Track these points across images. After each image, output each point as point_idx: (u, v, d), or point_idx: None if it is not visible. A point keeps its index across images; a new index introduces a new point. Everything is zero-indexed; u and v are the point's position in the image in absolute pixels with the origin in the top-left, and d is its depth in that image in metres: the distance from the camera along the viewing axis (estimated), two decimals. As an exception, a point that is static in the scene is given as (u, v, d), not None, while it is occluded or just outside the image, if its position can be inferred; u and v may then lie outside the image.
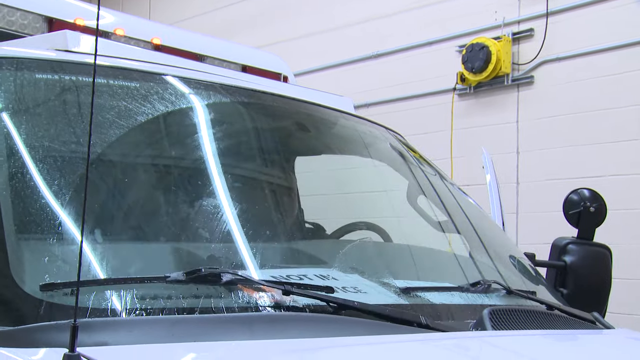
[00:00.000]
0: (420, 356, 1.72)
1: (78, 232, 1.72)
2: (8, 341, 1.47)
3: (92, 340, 1.46)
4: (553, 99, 6.29)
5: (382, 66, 7.47)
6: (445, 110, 6.89)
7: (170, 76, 2.46)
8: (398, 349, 1.73)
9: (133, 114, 2.23)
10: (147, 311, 1.61)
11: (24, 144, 1.91)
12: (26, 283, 1.60)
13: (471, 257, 2.63)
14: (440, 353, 1.78)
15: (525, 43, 6.51)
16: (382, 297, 2.01)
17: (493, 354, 1.81)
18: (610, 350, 2.17)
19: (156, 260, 2.00)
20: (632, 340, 2.41)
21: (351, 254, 2.20)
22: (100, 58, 2.39)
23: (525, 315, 2.12)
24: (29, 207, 1.76)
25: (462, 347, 1.84)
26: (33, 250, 1.71)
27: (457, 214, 2.89)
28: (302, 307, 1.75)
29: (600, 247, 3.26)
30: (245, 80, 2.88)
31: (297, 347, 1.59)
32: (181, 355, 1.50)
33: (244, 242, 2.03)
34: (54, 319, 1.53)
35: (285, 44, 7.92)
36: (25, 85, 2.11)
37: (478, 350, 1.84)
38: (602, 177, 5.83)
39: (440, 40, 7.03)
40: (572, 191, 3.38)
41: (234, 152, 2.51)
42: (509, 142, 6.47)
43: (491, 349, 1.84)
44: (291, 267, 2.08)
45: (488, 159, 3.70)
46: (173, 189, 2.19)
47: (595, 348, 2.13)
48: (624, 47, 5.90)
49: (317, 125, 2.99)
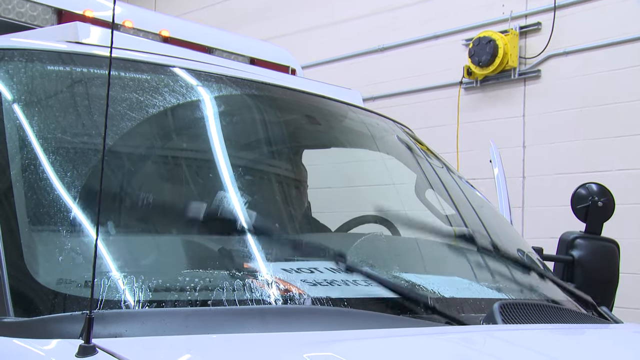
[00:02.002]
0: (432, 349, 1.73)
1: (91, 224, 1.73)
2: (22, 332, 1.47)
3: (106, 332, 1.46)
4: (560, 93, 6.27)
5: (389, 59, 7.45)
6: (451, 104, 6.88)
7: (181, 68, 2.46)
8: (410, 342, 1.73)
9: (144, 106, 2.23)
10: (160, 303, 1.62)
11: (36, 136, 1.91)
12: (40, 274, 1.61)
13: (480, 250, 2.63)
14: (451, 346, 1.79)
15: (532, 37, 6.49)
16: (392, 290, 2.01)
17: (503, 347, 1.81)
18: (620, 344, 2.17)
19: (168, 253, 2.00)
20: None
21: (362, 247, 2.20)
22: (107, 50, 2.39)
23: (535, 309, 2.12)
24: (42, 199, 1.77)
25: (473, 341, 1.85)
26: (47, 242, 1.71)
27: (465, 208, 2.89)
28: (314, 300, 1.75)
29: (608, 242, 3.26)
30: (255, 73, 2.88)
31: (310, 340, 1.59)
32: (195, 347, 1.50)
33: (254, 234, 2.03)
34: (68, 311, 1.54)
35: (290, 37, 7.91)
36: (37, 77, 2.11)
37: (489, 344, 1.84)
38: (609, 172, 5.82)
39: (447, 33, 7.01)
40: (580, 185, 3.37)
41: (245, 144, 2.51)
42: (516, 136, 6.47)
43: (502, 343, 1.85)
44: (302, 260, 2.09)
45: (496, 152, 3.70)
46: (186, 182, 2.20)
47: (604, 342, 2.14)
48: (632, 42, 5.88)
49: (326, 118, 2.99)
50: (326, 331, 1.65)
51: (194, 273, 1.72)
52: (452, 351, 1.76)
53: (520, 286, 2.30)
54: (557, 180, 6.18)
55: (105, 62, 2.29)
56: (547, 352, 1.81)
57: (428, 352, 1.69)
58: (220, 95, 2.50)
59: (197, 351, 1.49)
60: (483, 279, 2.25)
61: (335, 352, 1.54)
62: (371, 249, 2.26)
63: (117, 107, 2.17)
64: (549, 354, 1.77)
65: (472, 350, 1.78)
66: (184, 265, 1.84)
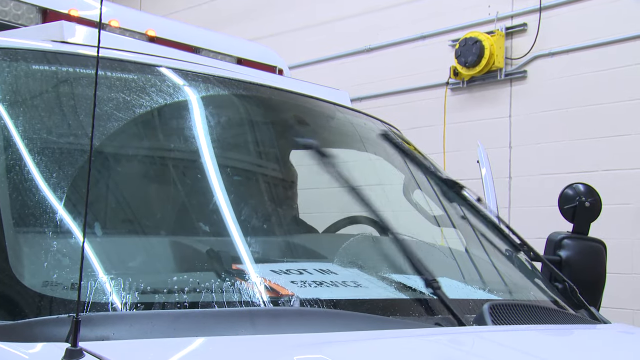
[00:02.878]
0: (421, 351, 1.72)
1: (78, 226, 1.70)
2: (8, 335, 1.45)
3: (93, 335, 1.44)
4: (546, 93, 6.30)
5: (375, 60, 7.45)
6: (438, 104, 6.89)
7: (168, 68, 2.44)
8: (399, 343, 1.72)
9: (131, 106, 2.21)
10: (148, 305, 1.60)
11: (21, 136, 1.89)
12: (25, 277, 1.59)
13: (468, 251, 2.63)
14: (441, 348, 1.78)
15: (518, 38, 6.51)
16: (381, 291, 2.01)
17: (494, 349, 1.81)
18: (609, 344, 2.17)
19: (155, 254, 1.98)
20: (629, 334, 2.42)
21: (350, 248, 2.19)
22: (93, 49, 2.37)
23: (524, 310, 2.12)
24: (27, 200, 1.74)
25: (463, 342, 1.84)
26: (32, 244, 1.68)
27: (453, 208, 2.88)
28: (304, 301, 1.74)
29: (596, 242, 3.27)
30: (242, 73, 2.86)
31: (300, 342, 1.58)
32: (183, 349, 1.48)
33: (242, 235, 2.01)
34: (54, 313, 1.51)
35: (277, 37, 7.89)
36: (22, 77, 2.08)
37: (479, 345, 1.84)
38: (595, 172, 5.84)
39: (434, 34, 7.02)
40: (568, 186, 3.38)
41: (233, 144, 2.49)
42: (502, 136, 6.48)
43: (492, 344, 1.84)
44: (290, 261, 2.07)
45: (483, 152, 3.70)
46: (173, 183, 2.18)
47: (593, 343, 2.14)
48: (617, 42, 5.91)
49: (314, 119, 2.98)
50: (316, 333, 1.64)
51: (182, 275, 1.70)
52: (442, 353, 1.75)
53: (509, 287, 2.30)
54: (544, 180, 6.20)
55: (91, 62, 2.27)
56: (537, 354, 1.81)
57: (418, 354, 1.68)
58: (207, 95, 2.48)
59: (185, 354, 1.48)
60: (472, 279, 2.24)
61: (326, 354, 1.53)
62: (360, 250, 2.25)
63: (104, 107, 2.15)
64: (540, 356, 1.77)
65: (462, 352, 1.78)
66: (172, 267, 1.82)
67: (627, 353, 2.08)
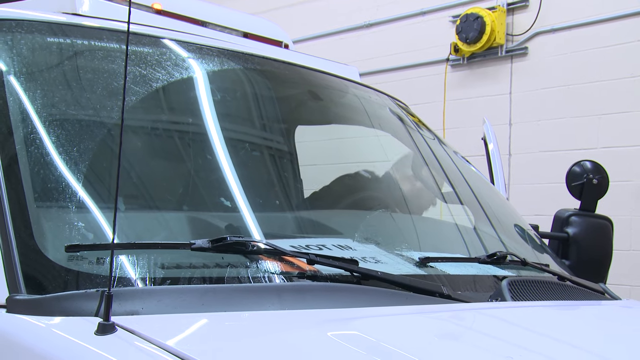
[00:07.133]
0: (446, 326, 1.72)
1: (103, 201, 1.69)
2: (36, 309, 1.44)
3: (122, 309, 1.43)
4: (547, 70, 6.28)
5: (375, 36, 7.41)
6: (438, 80, 6.86)
7: (179, 41, 2.42)
8: (423, 319, 1.72)
9: (143, 79, 2.18)
10: (176, 280, 1.59)
11: (40, 110, 1.86)
12: (50, 252, 1.57)
13: (480, 228, 2.63)
14: (465, 323, 1.79)
15: (519, 14, 6.48)
16: (400, 267, 2.00)
17: (517, 324, 1.81)
18: (622, 320, 2.19)
19: (173, 229, 1.97)
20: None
21: (368, 225, 2.19)
22: (106, 22, 2.34)
23: (541, 286, 2.14)
24: (49, 175, 1.72)
25: (486, 317, 1.84)
26: (57, 219, 1.67)
27: (462, 184, 2.88)
28: (330, 277, 1.73)
29: (603, 219, 3.28)
30: (253, 47, 2.83)
31: (329, 318, 1.57)
32: (212, 324, 1.48)
33: (263, 211, 2.00)
34: (81, 288, 1.50)
35: (275, 12, 7.82)
36: (37, 49, 2.05)
37: (503, 320, 1.84)
38: (595, 149, 5.85)
39: (434, 10, 6.97)
40: (575, 163, 3.38)
41: (247, 119, 2.47)
42: (502, 113, 6.47)
43: (515, 319, 1.85)
44: (309, 236, 2.07)
45: (490, 129, 3.69)
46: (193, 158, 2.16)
47: (607, 318, 2.16)
48: (619, 19, 5.89)
49: (324, 93, 2.96)
50: (342, 309, 1.64)
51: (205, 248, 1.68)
52: (467, 327, 1.76)
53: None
54: (543, 157, 6.21)
55: (104, 34, 2.24)
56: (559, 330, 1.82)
57: (444, 328, 1.69)
58: (219, 69, 2.46)
59: (214, 328, 1.47)
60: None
61: (357, 329, 1.53)
62: (378, 226, 2.25)
63: (114, 81, 2.12)
64: (561, 331, 1.78)
65: (488, 327, 1.78)
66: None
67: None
